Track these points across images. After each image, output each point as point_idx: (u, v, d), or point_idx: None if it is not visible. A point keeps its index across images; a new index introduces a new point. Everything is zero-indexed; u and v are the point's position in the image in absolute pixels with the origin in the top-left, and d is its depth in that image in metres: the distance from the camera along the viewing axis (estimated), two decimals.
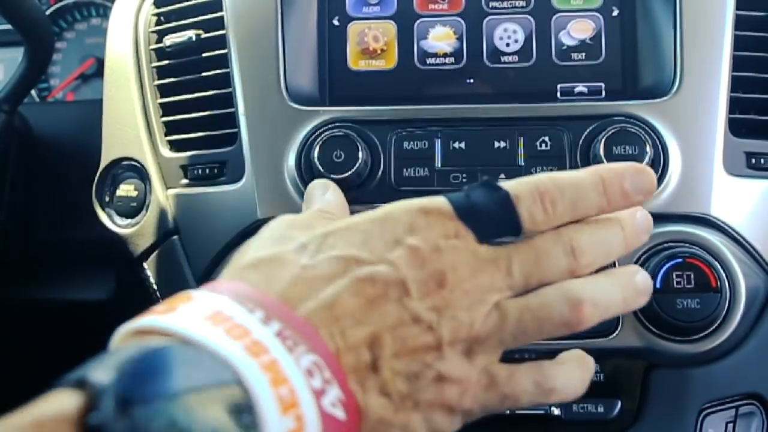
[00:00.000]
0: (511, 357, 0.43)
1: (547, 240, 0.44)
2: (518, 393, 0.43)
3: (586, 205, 0.45)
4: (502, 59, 0.75)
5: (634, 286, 0.46)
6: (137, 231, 0.75)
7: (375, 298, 0.40)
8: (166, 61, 0.80)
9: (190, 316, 0.36)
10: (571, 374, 0.45)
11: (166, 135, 0.78)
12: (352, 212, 0.67)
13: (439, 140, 0.69)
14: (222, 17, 0.76)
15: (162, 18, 0.82)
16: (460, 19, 0.76)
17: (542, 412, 0.66)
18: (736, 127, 0.69)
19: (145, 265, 0.74)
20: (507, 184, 0.44)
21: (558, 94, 0.74)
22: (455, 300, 0.41)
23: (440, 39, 0.76)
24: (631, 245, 0.47)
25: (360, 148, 0.67)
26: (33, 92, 1.08)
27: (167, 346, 0.34)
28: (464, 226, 0.43)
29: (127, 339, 0.37)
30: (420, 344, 0.40)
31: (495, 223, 0.43)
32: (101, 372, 0.32)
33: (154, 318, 0.36)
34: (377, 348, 0.39)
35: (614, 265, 0.63)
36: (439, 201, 0.44)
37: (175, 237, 0.73)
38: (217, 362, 0.34)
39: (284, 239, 0.44)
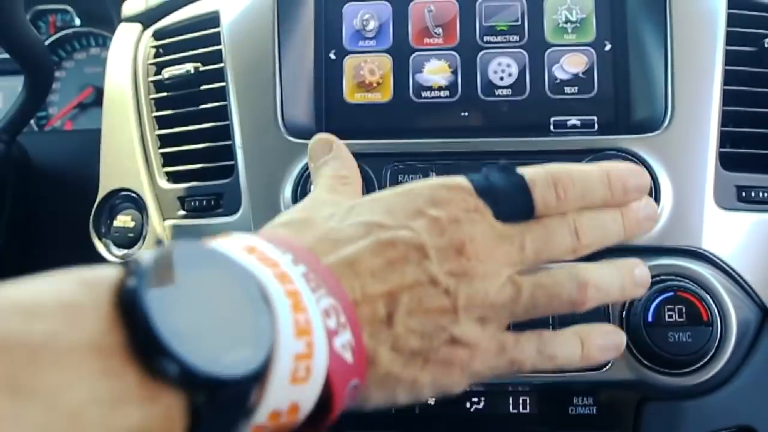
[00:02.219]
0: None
1: (554, 220, 0.47)
2: (524, 358, 0.46)
3: (593, 196, 0.48)
4: (496, 92, 0.76)
5: (632, 278, 0.49)
6: None
7: (395, 260, 0.42)
8: (164, 93, 0.81)
9: (227, 244, 0.39)
10: (568, 346, 0.48)
11: (163, 166, 0.78)
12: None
13: (434, 174, 0.69)
14: (220, 50, 0.77)
15: (161, 50, 0.84)
16: (454, 53, 0.77)
17: None
18: (726, 161, 0.69)
19: None
20: (524, 170, 0.47)
21: (551, 127, 0.75)
22: (472, 269, 0.43)
23: (435, 72, 0.77)
24: (631, 232, 0.50)
25: None
26: (31, 121, 1.09)
27: (209, 248, 0.37)
28: (483, 203, 0.45)
29: None
30: (436, 306, 0.42)
31: (512, 203, 0.46)
32: (142, 256, 0.34)
33: (191, 244, 0.39)
34: (393, 304, 0.41)
35: None
36: (461, 178, 0.47)
37: None
38: (248, 276, 0.36)
39: (314, 209, 0.47)
